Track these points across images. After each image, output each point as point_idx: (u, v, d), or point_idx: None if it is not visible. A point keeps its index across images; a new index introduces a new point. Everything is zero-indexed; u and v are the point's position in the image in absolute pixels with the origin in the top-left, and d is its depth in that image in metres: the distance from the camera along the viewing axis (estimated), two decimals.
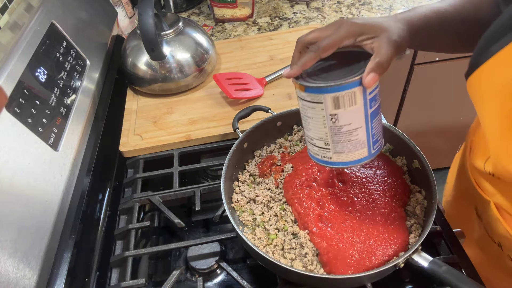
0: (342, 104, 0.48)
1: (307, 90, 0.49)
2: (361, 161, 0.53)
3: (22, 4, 0.78)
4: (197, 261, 0.66)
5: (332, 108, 0.48)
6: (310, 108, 0.50)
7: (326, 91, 0.47)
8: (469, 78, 0.50)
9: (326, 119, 0.50)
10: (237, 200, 0.68)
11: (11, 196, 0.53)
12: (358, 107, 0.48)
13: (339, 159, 0.53)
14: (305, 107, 0.51)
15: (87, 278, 0.64)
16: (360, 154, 0.53)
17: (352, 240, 0.58)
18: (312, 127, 0.53)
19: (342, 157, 0.53)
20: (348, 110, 0.48)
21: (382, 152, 0.73)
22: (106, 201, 0.77)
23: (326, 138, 0.52)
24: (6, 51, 0.63)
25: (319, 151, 0.54)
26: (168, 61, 0.93)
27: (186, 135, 0.87)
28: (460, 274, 0.52)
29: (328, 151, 0.53)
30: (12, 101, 0.58)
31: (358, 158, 0.53)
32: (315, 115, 0.50)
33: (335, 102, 0.48)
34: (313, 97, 0.49)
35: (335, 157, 0.53)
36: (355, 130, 0.50)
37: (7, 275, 0.48)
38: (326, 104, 0.48)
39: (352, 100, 0.48)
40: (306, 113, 0.52)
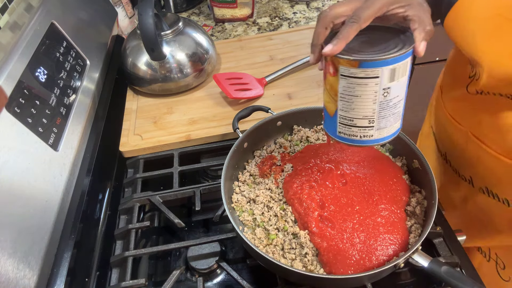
0: (397, 75, 0.47)
1: (363, 65, 0.46)
2: (395, 134, 0.54)
3: (22, 4, 0.78)
4: (197, 261, 0.66)
5: (388, 81, 0.47)
6: (361, 85, 0.48)
7: (385, 63, 0.45)
8: (446, 19, 0.57)
9: (378, 94, 0.48)
10: (237, 200, 0.68)
11: (11, 196, 0.53)
12: (406, 77, 0.48)
13: (380, 135, 0.52)
14: (353, 85, 0.48)
15: (87, 278, 0.64)
16: (396, 126, 0.53)
17: (352, 240, 0.58)
18: (356, 106, 0.50)
19: (383, 133, 0.52)
20: (400, 81, 0.48)
21: (382, 152, 0.73)
22: (106, 201, 0.77)
23: (373, 115, 0.50)
24: (6, 51, 0.63)
25: (360, 131, 0.52)
26: (168, 61, 0.93)
27: (186, 135, 0.87)
28: (460, 274, 0.52)
29: (371, 129, 0.51)
30: (12, 101, 0.58)
31: (395, 131, 0.53)
32: (365, 92, 0.48)
33: (392, 74, 0.46)
34: (369, 71, 0.46)
35: (376, 134, 0.52)
36: (399, 102, 0.50)
37: (7, 275, 0.48)
38: (383, 77, 0.46)
39: (404, 71, 0.47)
40: (351, 92, 0.49)
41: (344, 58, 0.47)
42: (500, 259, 0.79)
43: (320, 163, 0.68)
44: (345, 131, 0.53)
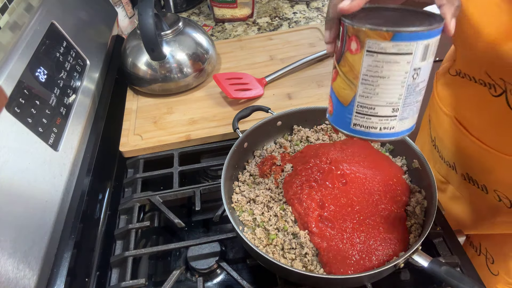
0: (429, 54, 0.42)
1: (397, 37, 0.40)
2: (412, 128, 0.48)
3: (22, 4, 0.78)
4: (197, 261, 0.66)
5: (420, 59, 0.42)
6: (391, 63, 0.42)
7: (421, 36, 0.40)
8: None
9: (408, 75, 0.42)
10: (237, 200, 0.68)
11: (11, 196, 0.53)
12: (433, 59, 0.43)
13: (401, 127, 0.46)
14: (380, 63, 0.42)
15: (87, 278, 0.64)
16: (415, 119, 0.48)
17: (352, 240, 0.58)
18: (381, 90, 0.44)
19: (404, 124, 0.46)
20: (429, 62, 0.43)
21: (382, 152, 0.73)
22: (106, 201, 0.77)
23: (398, 101, 0.44)
24: (6, 51, 0.63)
25: (380, 121, 0.46)
26: (168, 61, 0.93)
27: (186, 135, 0.87)
28: (460, 274, 0.52)
29: (394, 119, 0.45)
30: (12, 101, 0.58)
31: (411, 125, 0.48)
32: (395, 72, 0.42)
33: (425, 51, 0.42)
34: (403, 46, 0.41)
35: (398, 125, 0.46)
36: (423, 88, 0.45)
37: (7, 275, 0.48)
38: (416, 54, 0.41)
39: (434, 50, 0.43)
40: (378, 72, 0.43)
41: (375, 29, 0.41)
42: (489, 254, 0.80)
43: (320, 163, 0.68)
44: (362, 123, 0.46)
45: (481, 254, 0.82)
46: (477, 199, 0.75)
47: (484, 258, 0.81)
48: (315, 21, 1.27)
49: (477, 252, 0.83)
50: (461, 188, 0.78)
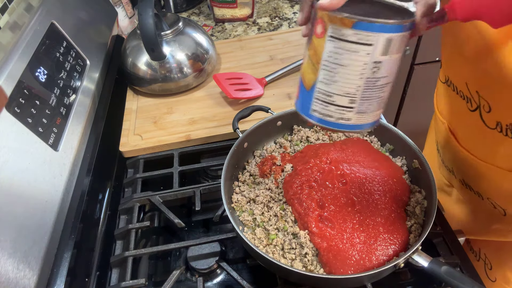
0: (391, 49, 0.42)
1: (359, 26, 0.40)
2: (373, 124, 0.48)
3: (22, 4, 0.78)
4: (197, 261, 0.66)
5: (381, 53, 0.41)
6: (350, 52, 0.42)
7: (384, 29, 0.40)
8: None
9: (367, 67, 0.42)
10: (237, 200, 0.68)
11: (11, 196, 0.53)
12: (399, 56, 0.43)
13: (359, 121, 0.46)
14: (340, 50, 0.42)
15: (87, 278, 0.64)
16: (377, 115, 0.47)
17: (352, 240, 0.58)
18: (339, 79, 0.43)
19: (363, 118, 0.46)
20: (392, 58, 0.43)
21: (382, 152, 0.73)
22: (106, 201, 0.77)
23: (355, 93, 0.44)
24: (6, 51, 0.63)
25: (337, 111, 0.45)
26: (168, 61, 0.93)
27: (186, 135, 0.87)
28: (460, 274, 0.52)
29: (351, 110, 0.45)
30: (12, 101, 0.58)
31: (374, 120, 0.47)
32: (353, 62, 0.42)
33: (387, 46, 0.41)
34: (363, 36, 0.40)
35: (355, 118, 0.46)
36: (386, 85, 0.45)
37: (7, 275, 0.48)
38: (377, 47, 0.41)
39: (399, 47, 0.42)
40: (337, 60, 0.43)
41: (337, 15, 0.41)
42: (488, 260, 0.80)
43: (320, 163, 0.68)
44: (320, 109, 0.46)
45: (480, 260, 0.82)
46: (476, 205, 0.76)
47: (483, 263, 0.81)
48: None
49: (476, 258, 0.83)
50: (462, 192, 0.78)
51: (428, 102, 1.02)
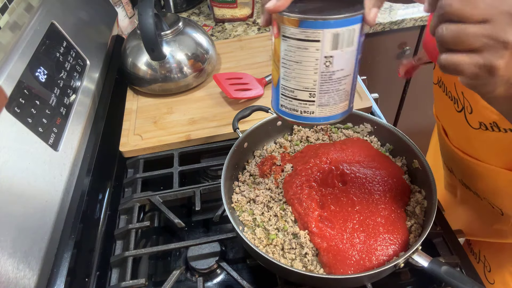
0: (341, 43, 0.43)
1: (304, 24, 0.42)
2: (341, 115, 0.50)
3: (22, 4, 0.78)
4: (197, 261, 0.66)
5: (330, 47, 0.43)
6: (301, 49, 0.44)
7: (328, 25, 0.42)
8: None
9: (319, 62, 0.44)
10: (237, 200, 0.68)
11: (11, 196, 0.53)
12: (353, 49, 0.45)
13: (322, 113, 0.49)
14: (292, 48, 0.45)
15: (87, 278, 0.64)
16: (343, 107, 0.49)
17: (352, 240, 0.58)
18: (296, 75, 0.46)
19: (325, 111, 0.48)
20: (345, 52, 0.44)
21: (382, 152, 0.73)
22: (106, 201, 0.77)
23: (313, 87, 0.46)
24: (6, 51, 0.63)
25: (300, 105, 0.48)
26: (168, 61, 0.93)
27: (186, 135, 0.87)
28: (460, 274, 0.52)
29: (312, 104, 0.48)
30: (12, 101, 0.58)
31: (340, 112, 0.50)
32: (305, 58, 0.45)
33: (334, 40, 0.43)
34: (310, 33, 0.43)
35: (318, 111, 0.48)
36: (344, 78, 0.46)
37: (7, 275, 0.48)
38: (324, 42, 0.43)
39: (350, 40, 0.44)
40: (292, 57, 0.45)
41: (285, 16, 0.43)
42: (487, 262, 0.81)
43: (320, 163, 0.68)
44: (286, 104, 0.50)
45: (480, 262, 0.82)
46: (476, 205, 0.76)
47: (482, 266, 0.81)
48: None
49: (476, 260, 0.84)
50: (463, 192, 0.79)
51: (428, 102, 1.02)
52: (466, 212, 0.81)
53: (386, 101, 1.50)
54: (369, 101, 0.90)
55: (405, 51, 1.37)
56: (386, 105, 1.00)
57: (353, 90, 0.49)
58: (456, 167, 0.75)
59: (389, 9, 1.29)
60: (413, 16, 1.25)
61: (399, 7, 1.29)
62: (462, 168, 0.72)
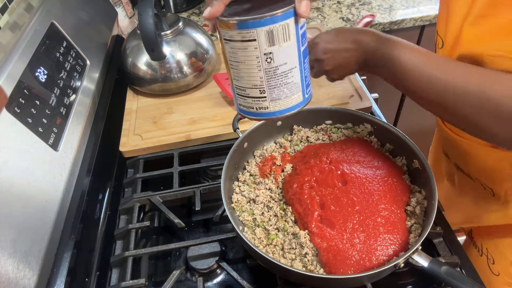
0: (276, 39, 0.45)
1: (238, 26, 0.45)
2: (297, 107, 0.52)
3: (22, 4, 0.78)
4: (197, 261, 0.66)
5: (267, 44, 0.45)
6: (241, 50, 0.46)
7: (260, 24, 0.44)
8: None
9: (260, 60, 0.46)
10: (237, 200, 0.68)
11: (11, 196, 0.53)
12: (292, 43, 0.46)
13: (276, 107, 0.51)
14: (234, 49, 0.47)
15: (87, 278, 0.64)
16: (296, 99, 0.51)
17: (352, 240, 0.58)
18: (244, 74, 0.48)
19: (280, 105, 0.50)
20: (283, 47, 0.46)
21: (382, 152, 0.73)
22: (106, 201, 0.77)
23: (262, 84, 0.48)
24: (6, 51, 0.63)
25: (254, 102, 0.51)
26: (168, 61, 0.93)
27: (186, 135, 0.87)
28: (460, 274, 0.52)
29: (264, 99, 0.50)
30: (12, 101, 0.58)
31: (295, 103, 0.51)
32: (247, 58, 0.47)
33: (270, 37, 0.45)
34: (245, 33, 0.45)
35: (272, 106, 0.50)
36: (290, 71, 0.48)
37: (7, 275, 0.48)
38: (260, 40, 0.45)
39: (286, 35, 0.45)
40: (236, 58, 0.48)
41: (220, 20, 0.46)
42: (490, 254, 0.82)
43: (320, 163, 0.68)
44: (242, 103, 0.52)
45: (483, 255, 0.83)
46: (471, 189, 0.78)
47: (486, 258, 0.82)
48: (315, 21, 1.27)
49: (479, 253, 0.85)
50: (459, 178, 0.81)
51: None
52: (464, 200, 0.82)
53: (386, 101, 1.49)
54: (369, 101, 0.90)
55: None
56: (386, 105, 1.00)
57: (304, 81, 0.51)
58: (451, 151, 0.78)
59: (389, 9, 1.29)
60: (413, 16, 1.25)
61: (399, 8, 1.29)
62: (456, 150, 0.74)
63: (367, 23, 1.19)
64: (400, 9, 1.29)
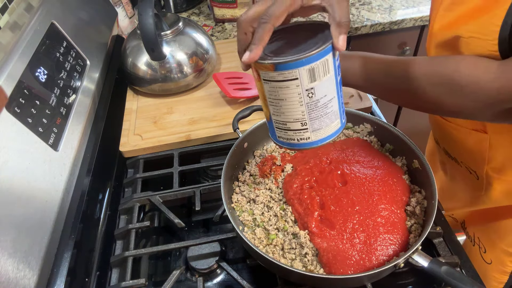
0: (317, 75, 0.46)
1: (279, 68, 0.45)
2: (336, 133, 0.53)
3: (22, 4, 0.78)
4: (197, 261, 0.66)
5: (309, 81, 0.46)
6: (283, 89, 0.47)
7: (301, 64, 0.44)
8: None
9: (302, 95, 0.47)
10: (237, 200, 0.68)
11: (11, 196, 0.53)
12: (331, 75, 0.47)
13: (318, 137, 0.51)
14: (275, 89, 0.48)
15: (87, 278, 0.64)
16: (335, 126, 0.52)
17: (352, 240, 0.58)
18: (285, 110, 0.49)
19: (320, 134, 0.51)
20: (323, 81, 0.47)
21: (382, 152, 0.73)
22: (106, 201, 0.77)
23: (303, 117, 0.49)
24: (6, 51, 0.63)
25: (295, 134, 0.51)
26: (168, 61, 0.93)
27: (186, 135, 0.87)
28: (460, 274, 0.52)
29: (306, 131, 0.51)
30: (12, 101, 0.58)
31: (334, 130, 0.52)
32: (289, 95, 0.47)
33: (311, 75, 0.46)
34: (287, 74, 0.45)
35: (313, 136, 0.51)
36: (330, 101, 0.49)
37: (7, 275, 0.48)
38: (302, 78, 0.46)
39: (326, 69, 0.46)
40: (276, 96, 0.48)
41: (260, 63, 0.46)
42: (481, 243, 0.84)
43: (320, 163, 0.68)
44: (283, 135, 0.53)
45: (475, 244, 0.85)
46: (459, 175, 0.80)
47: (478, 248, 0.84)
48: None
49: (472, 243, 0.87)
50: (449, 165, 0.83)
51: None
52: (455, 187, 0.85)
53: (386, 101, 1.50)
54: (369, 101, 0.90)
55: (405, 51, 1.37)
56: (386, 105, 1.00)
57: (341, 107, 0.51)
58: (440, 136, 0.80)
59: (389, 9, 1.29)
60: (413, 16, 1.25)
61: (399, 8, 1.29)
62: (443, 134, 0.77)
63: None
64: (400, 9, 1.29)
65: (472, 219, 0.86)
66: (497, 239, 0.80)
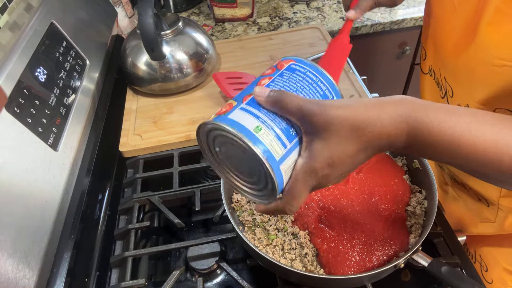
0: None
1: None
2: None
3: (22, 4, 0.78)
4: (197, 261, 0.66)
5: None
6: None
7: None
8: None
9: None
10: (237, 200, 0.68)
11: (10, 196, 0.53)
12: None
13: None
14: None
15: (87, 278, 0.64)
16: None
17: (352, 241, 0.58)
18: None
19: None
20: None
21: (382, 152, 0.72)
22: (106, 201, 0.77)
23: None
24: (6, 51, 0.63)
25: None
26: (168, 61, 0.93)
27: (186, 135, 0.87)
28: (460, 274, 0.52)
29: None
30: (12, 101, 0.58)
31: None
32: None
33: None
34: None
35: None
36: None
37: (7, 275, 0.48)
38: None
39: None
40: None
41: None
42: (483, 261, 0.82)
43: None
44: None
45: (476, 262, 0.83)
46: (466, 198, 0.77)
47: (479, 266, 0.82)
48: (315, 21, 1.27)
49: (473, 260, 0.84)
50: (452, 187, 0.80)
51: None
52: (457, 209, 0.82)
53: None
54: None
55: (405, 51, 1.37)
56: None
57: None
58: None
59: (389, 9, 1.29)
60: (413, 16, 1.25)
61: (399, 7, 1.29)
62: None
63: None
64: (400, 9, 1.29)
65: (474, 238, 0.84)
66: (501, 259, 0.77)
